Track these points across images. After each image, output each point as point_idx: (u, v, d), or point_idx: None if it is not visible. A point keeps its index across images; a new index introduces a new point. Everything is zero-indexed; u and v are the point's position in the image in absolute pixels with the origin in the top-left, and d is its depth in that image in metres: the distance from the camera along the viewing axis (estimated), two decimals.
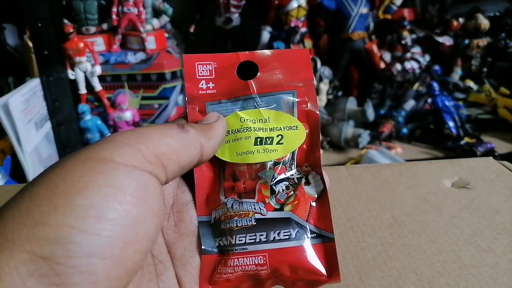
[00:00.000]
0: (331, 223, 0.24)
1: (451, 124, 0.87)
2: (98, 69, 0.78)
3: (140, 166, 0.18)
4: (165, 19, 0.85)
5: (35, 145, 0.68)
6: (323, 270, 0.23)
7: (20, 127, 0.63)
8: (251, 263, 0.23)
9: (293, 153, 0.25)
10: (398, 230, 0.33)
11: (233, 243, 0.24)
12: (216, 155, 0.24)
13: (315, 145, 0.25)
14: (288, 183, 0.25)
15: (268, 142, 0.25)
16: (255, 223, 0.24)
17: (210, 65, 0.25)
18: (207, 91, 0.25)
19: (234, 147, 0.25)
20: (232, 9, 0.90)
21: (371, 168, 0.41)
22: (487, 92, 0.95)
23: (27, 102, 0.67)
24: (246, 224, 0.24)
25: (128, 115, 0.80)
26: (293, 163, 0.25)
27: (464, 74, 1.02)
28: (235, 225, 0.24)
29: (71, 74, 0.76)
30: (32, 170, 0.66)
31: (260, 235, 0.23)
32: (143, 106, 0.82)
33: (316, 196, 0.24)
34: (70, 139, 0.78)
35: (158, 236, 0.20)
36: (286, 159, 0.25)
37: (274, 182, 0.24)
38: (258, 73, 0.25)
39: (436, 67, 0.98)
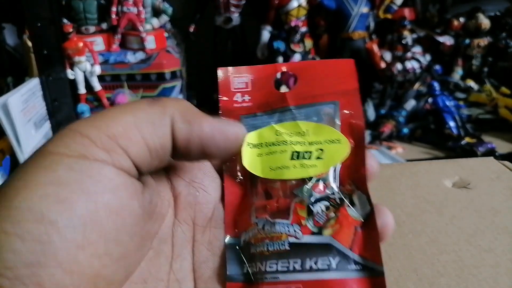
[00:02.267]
0: (380, 253, 0.20)
1: (451, 124, 0.87)
2: (97, 69, 0.78)
3: (88, 155, 0.16)
4: (164, 18, 0.85)
5: (34, 145, 0.68)
6: None
7: (19, 127, 0.63)
8: None
9: (335, 169, 0.22)
10: (398, 230, 0.32)
11: (263, 270, 0.21)
12: (247, 168, 0.22)
13: (361, 160, 0.22)
14: (328, 203, 0.22)
15: (306, 157, 0.22)
16: (288, 247, 0.21)
17: (246, 78, 0.24)
18: (243, 104, 0.24)
19: (267, 161, 0.22)
20: (232, 9, 0.90)
21: None
22: (487, 92, 0.94)
23: (26, 102, 0.66)
24: (278, 249, 0.21)
25: None
26: (335, 181, 0.22)
27: (464, 74, 1.01)
28: (266, 249, 0.21)
29: (70, 74, 0.76)
30: None
31: (294, 263, 0.20)
32: None
33: (362, 220, 0.21)
34: None
35: (131, 237, 0.17)
36: (327, 175, 0.22)
37: (312, 201, 0.22)
38: (297, 84, 0.24)
39: (437, 67, 0.98)
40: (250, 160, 0.23)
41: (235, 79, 0.24)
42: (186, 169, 0.22)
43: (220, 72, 0.24)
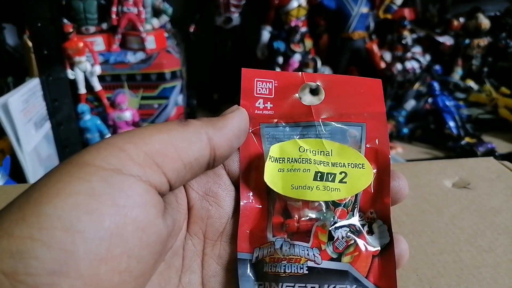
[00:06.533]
0: (396, 284, 0.20)
1: (451, 124, 0.87)
2: (97, 69, 0.78)
3: (123, 169, 0.16)
4: (165, 18, 0.85)
5: (34, 145, 0.68)
6: None
7: (19, 127, 0.63)
8: None
9: (356, 195, 0.22)
10: (398, 230, 0.32)
11: None
12: (268, 184, 0.22)
13: (384, 189, 0.22)
14: (349, 229, 0.21)
15: (330, 179, 0.22)
16: (307, 271, 0.20)
17: (271, 83, 0.23)
18: (264, 111, 0.23)
19: (289, 179, 0.22)
20: (232, 9, 0.90)
21: None
22: (487, 92, 0.94)
23: (26, 102, 0.66)
24: (296, 272, 0.20)
25: (127, 115, 0.80)
26: (356, 207, 0.22)
27: (464, 74, 1.02)
28: (282, 271, 0.21)
29: (70, 74, 0.76)
30: (31, 170, 0.65)
31: (312, 287, 0.20)
32: (143, 106, 0.82)
33: (379, 249, 0.21)
34: (69, 139, 0.78)
35: (152, 255, 0.17)
36: (348, 201, 0.22)
37: (334, 227, 0.21)
38: (324, 98, 0.23)
39: (437, 67, 0.98)
40: (272, 176, 0.22)
41: (259, 83, 0.23)
42: (201, 182, 0.22)
43: (244, 73, 0.23)
